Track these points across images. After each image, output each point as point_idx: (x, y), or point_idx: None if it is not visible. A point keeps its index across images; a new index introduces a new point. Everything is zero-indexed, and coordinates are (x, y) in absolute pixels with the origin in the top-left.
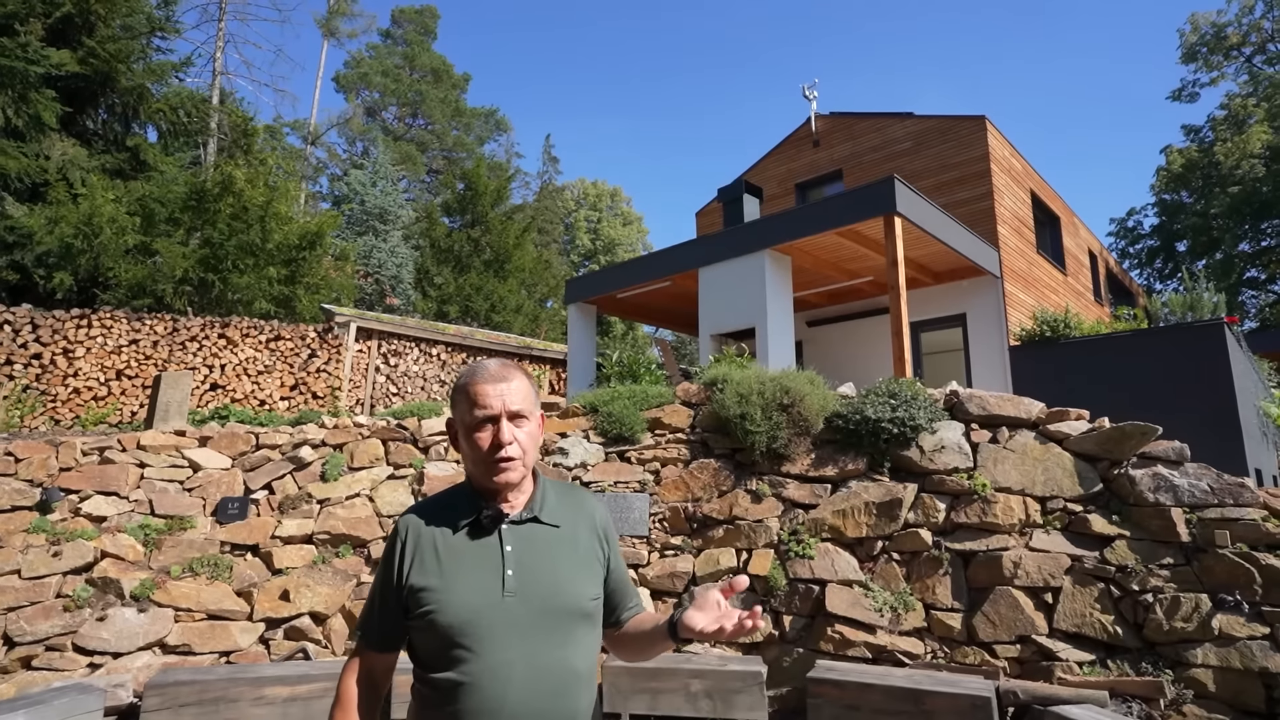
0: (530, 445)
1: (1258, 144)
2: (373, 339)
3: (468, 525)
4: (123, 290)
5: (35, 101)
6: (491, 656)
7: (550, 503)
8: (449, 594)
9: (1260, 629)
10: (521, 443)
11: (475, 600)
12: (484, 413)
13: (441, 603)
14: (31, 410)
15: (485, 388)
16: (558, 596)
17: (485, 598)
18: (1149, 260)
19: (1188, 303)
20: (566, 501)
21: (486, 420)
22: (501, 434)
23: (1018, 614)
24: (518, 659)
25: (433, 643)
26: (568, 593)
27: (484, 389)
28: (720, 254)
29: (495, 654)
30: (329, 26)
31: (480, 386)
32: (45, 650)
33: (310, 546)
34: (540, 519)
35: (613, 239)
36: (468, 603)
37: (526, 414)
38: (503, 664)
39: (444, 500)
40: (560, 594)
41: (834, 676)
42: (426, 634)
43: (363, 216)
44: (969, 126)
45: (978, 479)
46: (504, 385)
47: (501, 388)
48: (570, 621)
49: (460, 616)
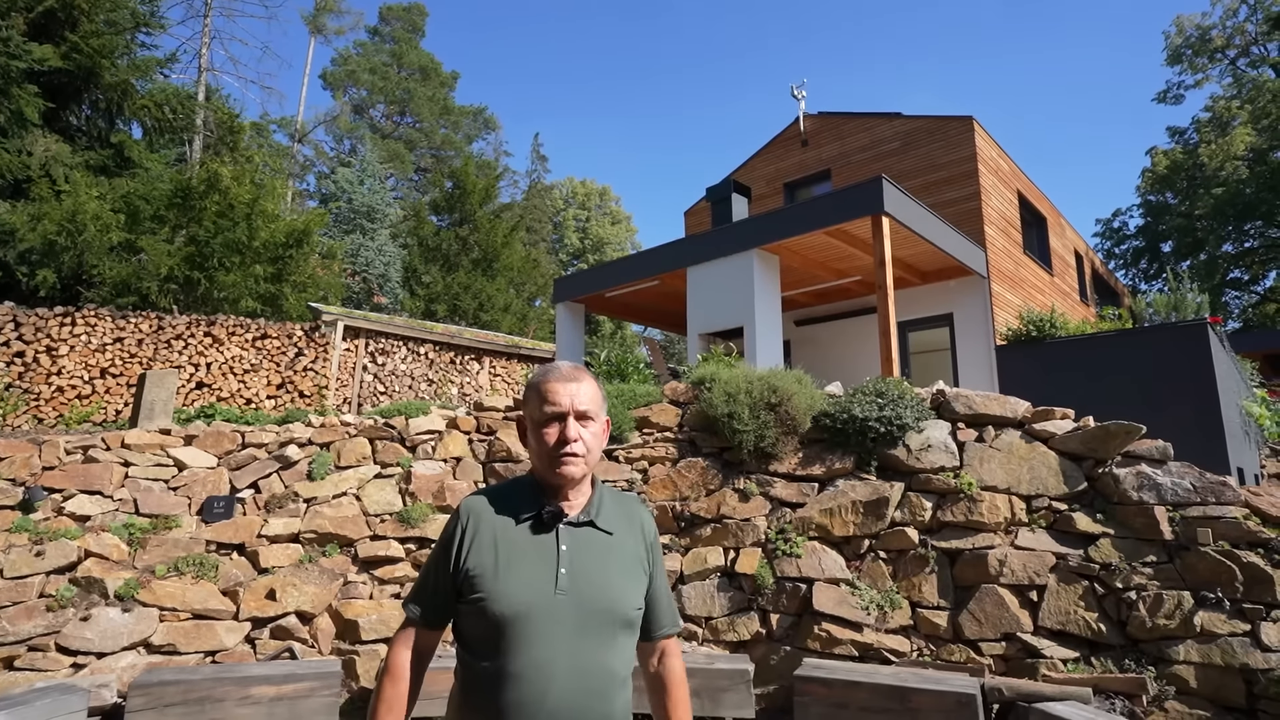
0: (594, 445)
1: (1241, 146)
2: (360, 338)
3: (529, 520)
4: (107, 288)
5: (17, 97)
6: (537, 651)
7: (607, 509)
8: (503, 584)
9: (1241, 626)
10: (586, 441)
11: (528, 594)
12: (553, 409)
13: (495, 591)
14: (14, 409)
15: (556, 386)
16: (605, 600)
17: (538, 593)
18: (1134, 261)
19: (1172, 303)
20: (620, 509)
21: (555, 417)
22: (568, 430)
23: (1003, 612)
24: (562, 656)
25: (482, 630)
26: (615, 598)
27: (555, 387)
28: (708, 253)
29: (541, 649)
30: (316, 23)
31: (552, 384)
32: (28, 650)
33: (297, 546)
34: (596, 524)
35: (601, 238)
36: (520, 596)
37: (593, 415)
38: (547, 660)
39: (507, 491)
40: (608, 598)
41: (821, 674)
42: (476, 620)
43: (350, 215)
44: (956, 127)
45: (964, 478)
46: (574, 385)
47: (571, 388)
48: (614, 626)
49: (512, 608)
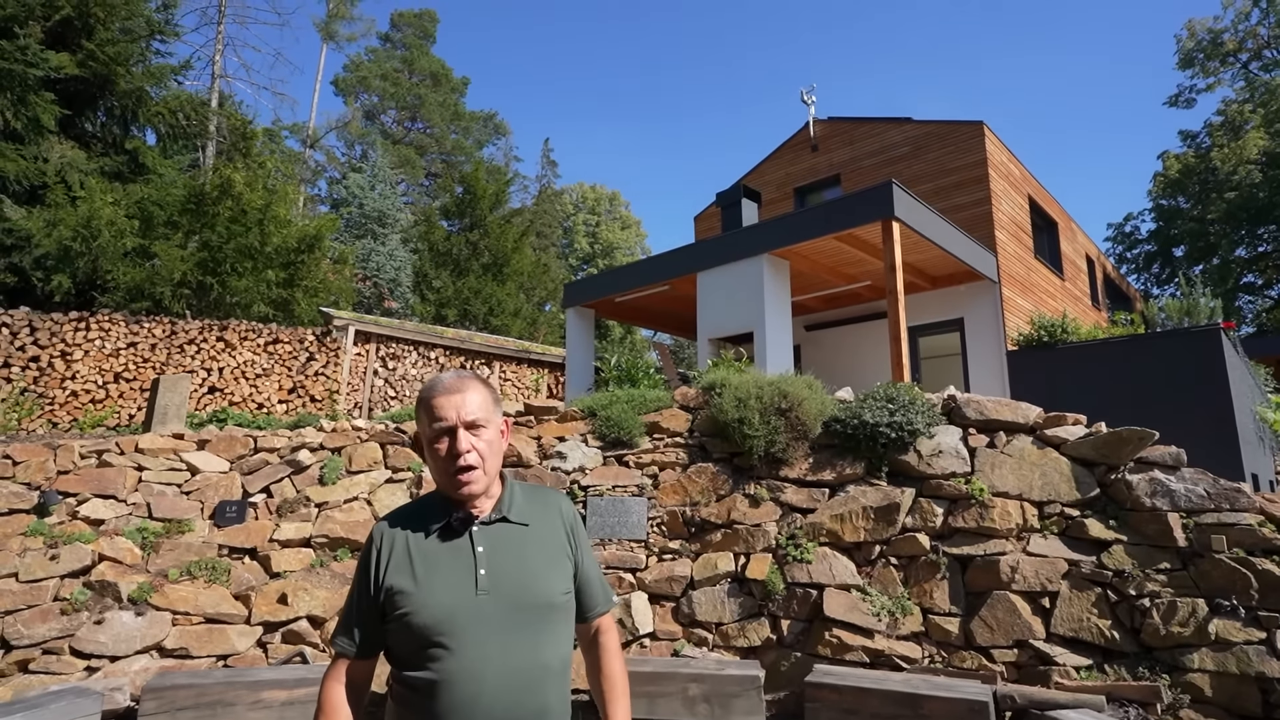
0: (490, 453)
1: (1254, 150)
2: (371, 342)
3: (439, 528)
4: (121, 293)
5: (34, 104)
6: (466, 654)
7: (518, 502)
8: (424, 594)
9: (1257, 634)
10: (480, 450)
11: (449, 599)
12: (441, 424)
13: (417, 603)
14: (29, 413)
15: (440, 400)
16: (528, 592)
17: (459, 596)
18: (1146, 265)
19: (1184, 308)
20: (534, 501)
21: (443, 432)
22: (459, 443)
23: (1015, 618)
24: (492, 655)
25: (409, 643)
26: (538, 588)
27: (439, 401)
28: (719, 258)
29: (469, 651)
30: (328, 30)
31: (436, 399)
32: (42, 653)
33: (308, 550)
34: (509, 518)
35: (611, 243)
36: (442, 602)
37: (484, 422)
38: (477, 660)
39: (416, 507)
40: (531, 589)
41: (832, 681)
42: (403, 634)
43: (361, 220)
44: (967, 132)
45: (975, 483)
46: (458, 396)
47: (456, 399)
48: (541, 616)
49: (435, 616)
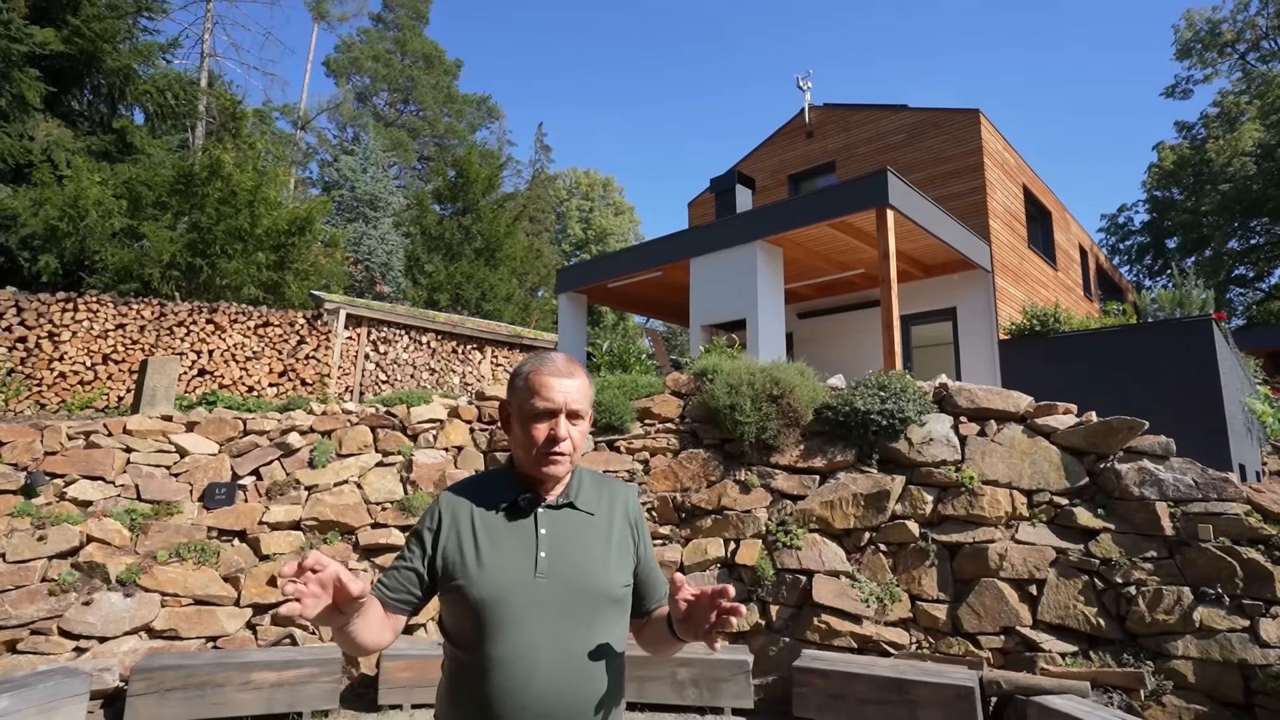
0: (581, 443)
1: (1249, 141)
2: (362, 326)
3: (506, 507)
4: (109, 274)
5: (19, 81)
6: (520, 635)
7: (586, 490)
8: (482, 569)
9: (1240, 622)
10: (574, 440)
11: (507, 579)
12: (546, 405)
13: (474, 577)
14: (16, 394)
15: (551, 380)
16: (588, 580)
17: (517, 577)
18: (1139, 257)
19: (1176, 299)
20: (601, 490)
21: (546, 414)
22: (559, 429)
23: (1002, 605)
24: (546, 639)
25: (463, 618)
26: (598, 577)
27: (550, 381)
28: (712, 245)
29: (524, 633)
30: (319, 10)
31: (546, 379)
32: (30, 634)
33: (298, 533)
34: (575, 505)
35: (604, 229)
36: (500, 581)
37: (584, 413)
38: (531, 643)
39: (484, 481)
40: (591, 577)
41: (820, 666)
42: (458, 608)
43: (353, 203)
44: (962, 120)
45: (965, 472)
46: (570, 382)
47: (567, 384)
48: (599, 605)
49: (492, 593)
